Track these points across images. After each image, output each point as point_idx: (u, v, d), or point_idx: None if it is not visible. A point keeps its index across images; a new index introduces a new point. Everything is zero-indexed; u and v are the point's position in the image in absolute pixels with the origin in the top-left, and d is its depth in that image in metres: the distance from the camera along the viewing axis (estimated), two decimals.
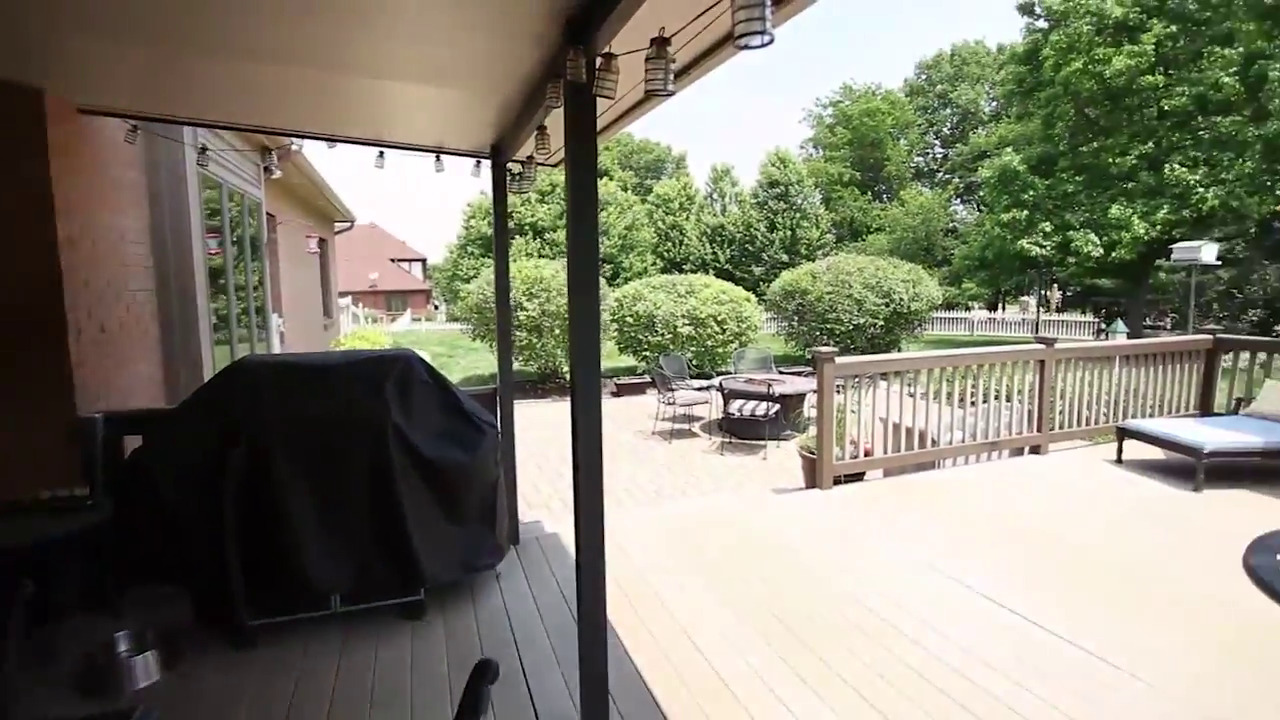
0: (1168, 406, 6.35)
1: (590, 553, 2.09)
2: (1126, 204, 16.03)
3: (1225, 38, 15.84)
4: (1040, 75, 18.18)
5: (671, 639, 2.91)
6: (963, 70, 43.36)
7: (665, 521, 4.38)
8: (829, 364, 4.72)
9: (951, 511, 4.39)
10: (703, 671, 2.66)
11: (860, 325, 12.09)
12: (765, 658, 2.73)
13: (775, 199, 30.11)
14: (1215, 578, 3.36)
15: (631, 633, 2.97)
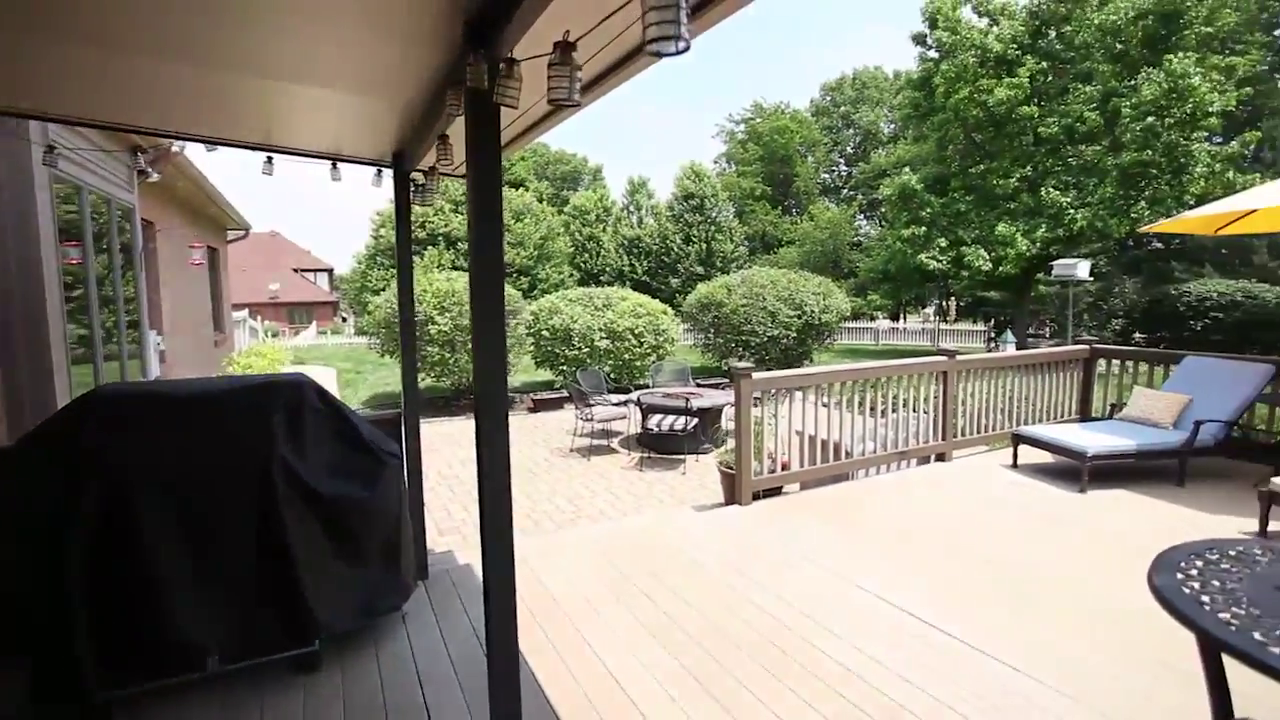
0: (1053, 412, 6.81)
1: (499, 585, 1.93)
2: (1011, 222, 17.31)
3: (1086, 76, 17.47)
4: (933, 101, 19.41)
5: (589, 671, 2.77)
6: (864, 94, 45.84)
7: (584, 544, 4.23)
8: (746, 380, 4.74)
9: (866, 523, 4.48)
10: (620, 704, 2.54)
11: (774, 337, 12.40)
12: (687, 689, 2.64)
13: (691, 211, 30.64)
14: (1105, 577, 3.57)
15: (547, 667, 2.80)
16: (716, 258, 30.02)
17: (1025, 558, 3.87)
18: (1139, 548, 3.96)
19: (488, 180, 1.70)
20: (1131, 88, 16.48)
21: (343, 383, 13.80)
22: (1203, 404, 5.50)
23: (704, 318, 13.03)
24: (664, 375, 9.77)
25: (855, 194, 42.22)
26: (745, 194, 40.21)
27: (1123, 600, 3.29)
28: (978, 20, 18.90)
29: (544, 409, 10.76)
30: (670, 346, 11.58)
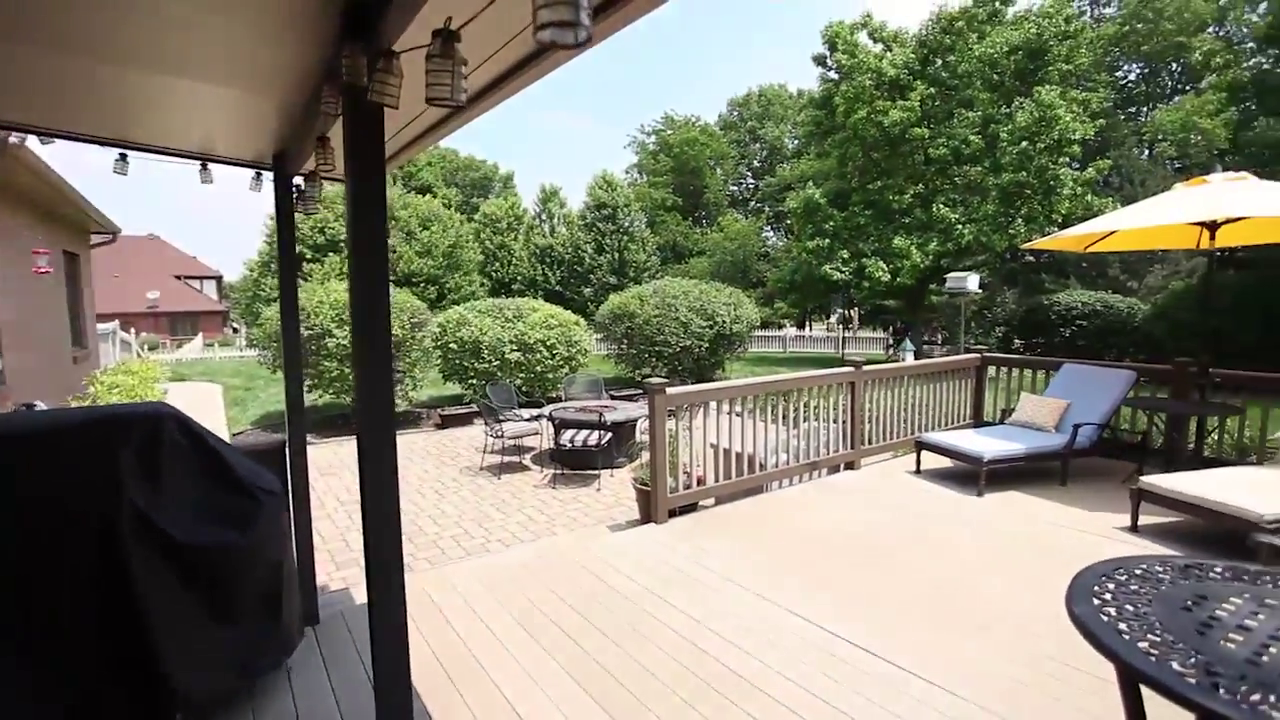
0: (950, 417, 7.17)
1: (388, 630, 1.73)
2: (906, 236, 18.36)
3: (969, 102, 18.84)
4: (834, 120, 20.34)
5: (497, 717, 2.56)
6: (769, 110, 47.57)
7: (493, 573, 3.99)
8: (661, 395, 4.65)
9: (783, 538, 4.49)
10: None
11: (687, 347, 12.49)
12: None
13: (603, 221, 30.64)
14: (1006, 579, 3.70)
15: (450, 715, 2.57)
16: (629, 267, 30.14)
17: (938, 567, 3.97)
18: (1038, 549, 4.17)
19: (367, 190, 1.50)
20: (1008, 115, 17.89)
21: (230, 401, 12.72)
22: (1079, 408, 5.92)
23: (617, 328, 12.96)
24: (577, 387, 9.58)
25: (762, 206, 43.65)
26: (657, 204, 40.69)
27: (1032, 606, 3.42)
28: (873, 45, 19.98)
29: (453, 425, 10.31)
30: (583, 358, 11.41)
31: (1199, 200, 5.14)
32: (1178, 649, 1.26)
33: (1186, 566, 1.64)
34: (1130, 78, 33.38)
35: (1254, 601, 1.47)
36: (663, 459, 4.72)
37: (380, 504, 1.71)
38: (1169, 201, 5.38)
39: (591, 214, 31.32)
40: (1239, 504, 3.95)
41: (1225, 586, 1.54)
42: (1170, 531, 4.47)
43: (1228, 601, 1.47)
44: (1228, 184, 5.22)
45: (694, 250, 38.53)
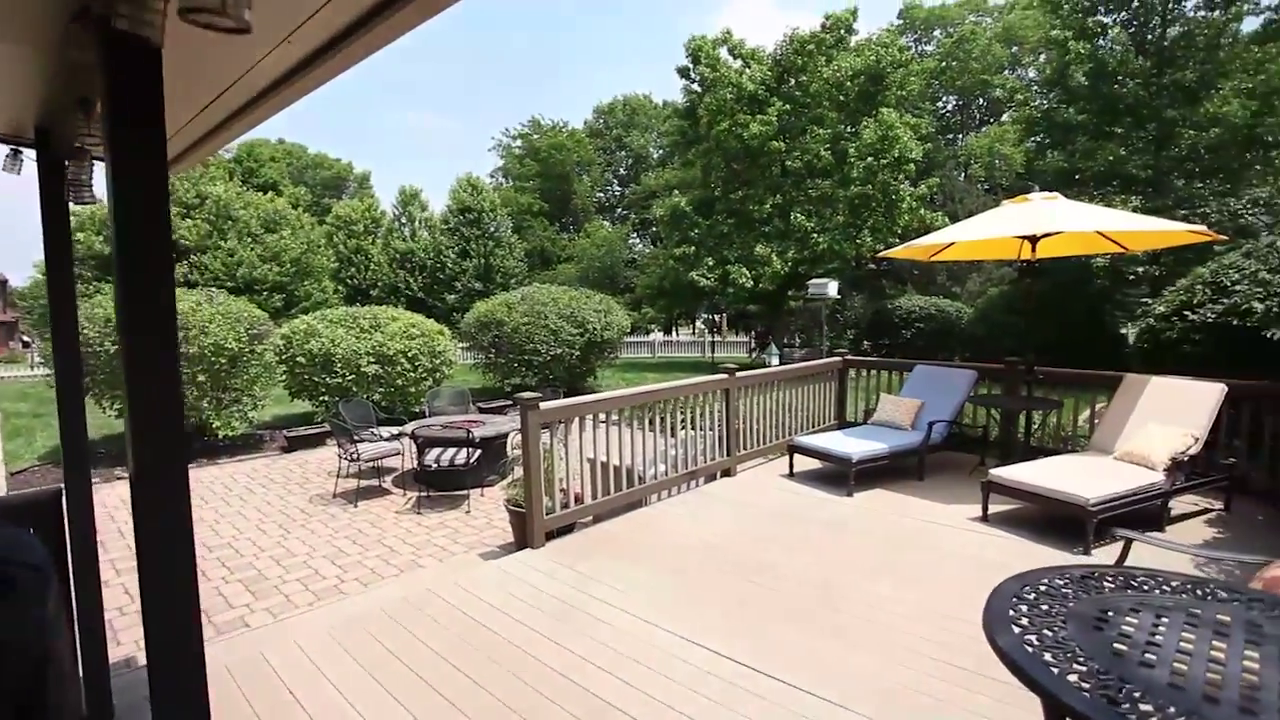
0: (816, 419, 7.43)
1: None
2: (767, 244, 19.22)
3: (820, 120, 20.13)
4: (698, 130, 20.91)
5: None
6: (634, 119, 48.36)
7: (346, 622, 3.48)
8: (534, 411, 4.34)
9: (664, 552, 4.33)
10: None
11: (558, 355, 12.17)
12: None
13: (468, 225, 29.53)
14: (884, 580, 3.76)
15: None
16: (496, 273, 29.25)
17: (820, 571, 3.98)
18: (909, 546, 4.28)
19: (136, 160, 1.11)
20: (854, 133, 19.30)
21: (9, 431, 10.65)
22: (932, 406, 6.33)
23: (484, 337, 12.37)
24: (442, 401, 8.97)
25: (629, 213, 44.20)
26: (524, 209, 39.94)
27: (912, 607, 3.48)
28: (733, 61, 20.79)
29: (301, 447, 9.28)
30: (448, 370, 10.74)
31: (1023, 216, 5.65)
32: (1106, 681, 1.18)
33: (1083, 578, 1.61)
34: (948, 108, 37.54)
35: (1149, 612, 1.45)
36: (538, 478, 4.40)
37: (165, 566, 1.29)
38: (999, 217, 5.88)
39: (455, 218, 30.08)
40: (1071, 490, 4.32)
41: (1121, 598, 1.52)
42: (1015, 518, 4.83)
43: (1128, 615, 1.43)
44: (1045, 202, 5.79)
45: (562, 256, 38.22)
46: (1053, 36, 19.45)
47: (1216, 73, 16.62)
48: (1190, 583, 1.60)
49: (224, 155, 36.12)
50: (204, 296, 9.09)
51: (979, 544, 4.44)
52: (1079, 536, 4.28)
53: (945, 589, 3.71)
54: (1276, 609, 1.48)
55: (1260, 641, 1.33)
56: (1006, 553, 4.29)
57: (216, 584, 4.59)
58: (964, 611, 3.40)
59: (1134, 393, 5.45)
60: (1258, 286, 5.67)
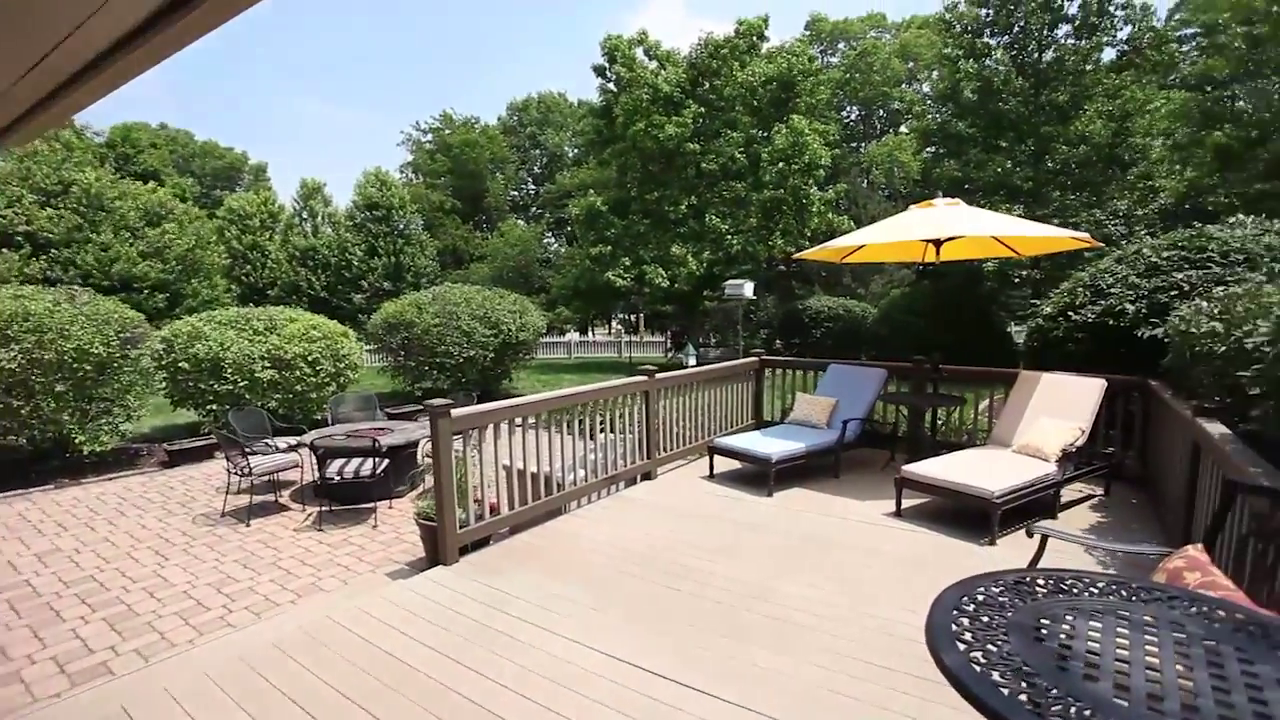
0: (735, 419, 7.47)
1: None
2: (682, 245, 19.41)
3: (733, 123, 20.56)
4: (614, 130, 20.85)
5: None
6: (549, 117, 47.80)
7: (229, 664, 3.11)
8: (444, 419, 4.07)
9: (585, 563, 4.18)
10: None
11: (471, 358, 11.75)
12: None
13: (376, 222, 28.16)
14: (807, 581, 3.76)
15: None
16: (407, 272, 28.08)
17: (744, 574, 3.93)
18: (829, 544, 4.30)
19: None
20: (766, 138, 19.81)
21: None
22: (846, 404, 6.49)
23: (392, 339, 11.77)
24: (347, 407, 8.43)
25: (543, 212, 43.64)
26: (435, 207, 38.60)
27: (838, 608, 3.48)
28: (649, 62, 20.86)
29: (185, 461, 8.47)
30: (354, 374, 10.12)
31: (928, 220, 5.88)
32: (1055, 699, 1.13)
33: (1016, 584, 1.58)
34: (852, 117, 39.35)
35: (1083, 618, 1.44)
36: (450, 490, 4.14)
37: None
38: (906, 220, 6.10)
39: (362, 214, 28.62)
40: (977, 484, 4.51)
41: (1055, 603, 1.50)
42: (926, 511, 5.01)
43: (1064, 622, 1.41)
44: (948, 207, 6.05)
45: (475, 255, 37.23)
46: (945, 55, 20.73)
47: (1083, 95, 18.19)
48: (1114, 583, 1.61)
49: (94, 139, 32.88)
50: (63, 296, 8.12)
51: (895, 539, 4.55)
52: (985, 527, 4.47)
53: (868, 588, 3.75)
54: (1193, 605, 1.51)
55: (1188, 643, 1.33)
56: (921, 546, 4.42)
57: (73, 625, 4.03)
58: (888, 610, 3.46)
59: (1027, 389, 5.78)
60: (1129, 289, 6.17)
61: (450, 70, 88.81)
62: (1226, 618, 1.44)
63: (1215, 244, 5.97)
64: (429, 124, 45.87)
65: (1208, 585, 1.85)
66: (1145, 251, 6.48)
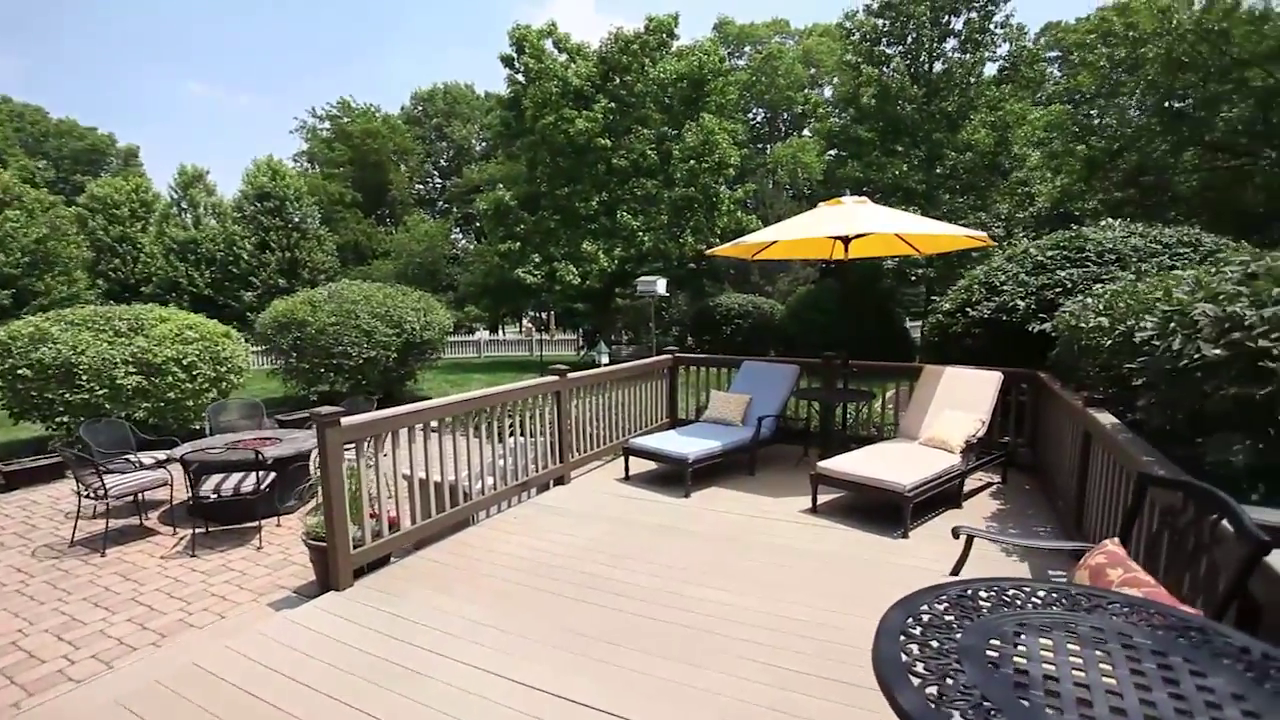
0: (649, 418, 7.33)
1: None
2: (594, 241, 19.16)
3: (645, 120, 20.50)
4: (523, 123, 20.29)
5: None
6: (455, 108, 46.20)
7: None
8: (334, 429, 3.67)
9: (495, 578, 3.88)
10: None
11: (372, 359, 11.03)
12: None
13: (268, 214, 26.17)
14: (726, 585, 3.63)
15: None
16: (303, 269, 26.29)
17: (663, 582, 3.77)
18: (748, 546, 4.19)
19: None
20: (677, 136, 19.88)
21: None
22: (760, 401, 6.49)
23: (283, 340, 10.86)
24: (229, 415, 7.66)
25: (450, 207, 42.18)
26: (334, 199, 36.42)
27: (758, 613, 3.37)
28: (559, 55, 20.44)
29: (27, 483, 7.40)
30: (238, 378, 9.24)
31: (837, 217, 5.94)
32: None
33: (959, 598, 1.47)
34: (758, 119, 40.37)
35: (1032, 634, 1.35)
36: (342, 506, 3.74)
37: None
38: (815, 217, 6.14)
39: (252, 205, 26.51)
40: (890, 478, 4.56)
41: (1001, 619, 1.40)
42: (841, 506, 5.04)
43: (1015, 642, 1.30)
44: (856, 205, 6.15)
45: (379, 251, 35.46)
46: (846, 61, 21.55)
47: (969, 106, 19.42)
48: (1054, 591, 1.54)
49: None
50: None
51: (812, 536, 4.54)
52: (898, 520, 4.53)
53: (791, 591, 3.68)
54: (1134, 612, 1.45)
55: (1140, 658, 1.25)
56: (837, 542, 4.42)
57: None
58: (812, 614, 3.39)
59: (931, 382, 5.96)
60: (1019, 287, 6.50)
61: (348, 56, 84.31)
62: (1165, 622, 1.39)
63: (1091, 244, 6.38)
64: (326, 110, 43.27)
65: (1130, 581, 1.83)
66: (1032, 251, 6.86)
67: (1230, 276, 3.01)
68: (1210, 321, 2.64)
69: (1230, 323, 2.53)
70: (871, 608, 3.44)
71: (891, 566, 4.01)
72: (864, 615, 3.37)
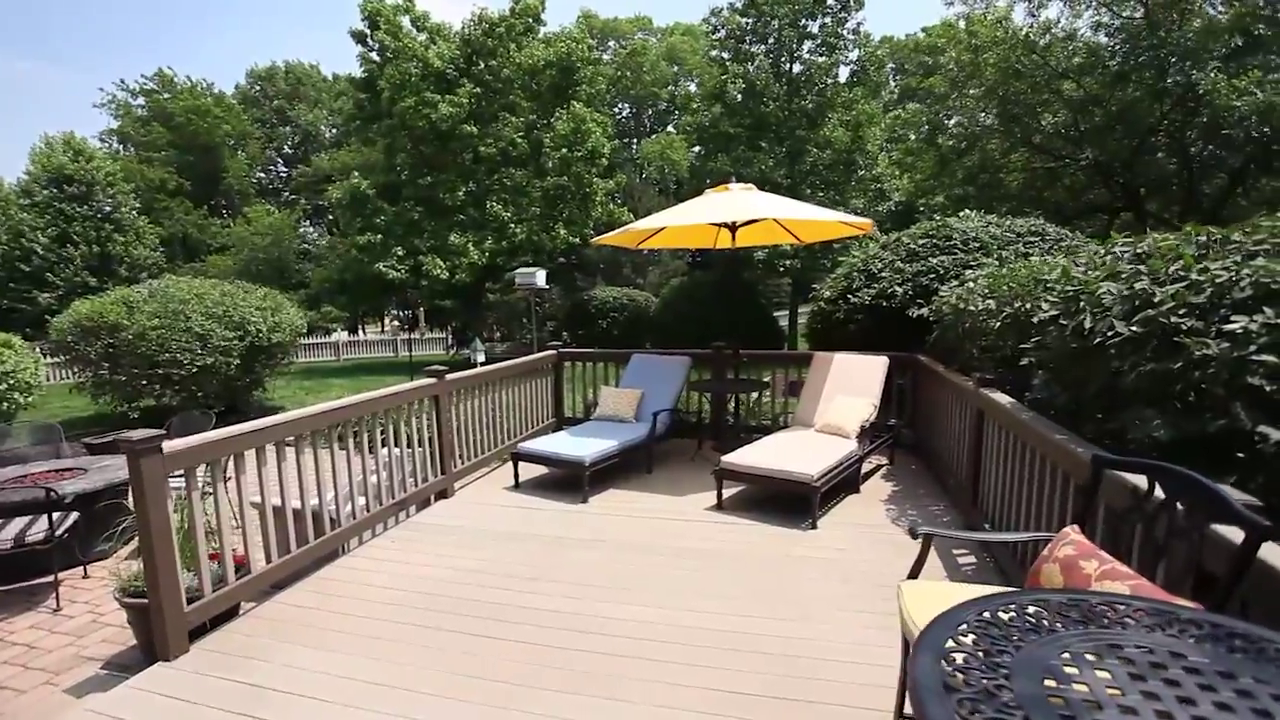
0: (535, 417, 6.86)
1: None
2: (462, 234, 18.13)
3: (512, 107, 19.70)
4: (379, 105, 18.77)
5: None
6: (300, 90, 42.26)
7: None
8: (152, 459, 2.90)
9: (370, 620, 3.29)
10: None
11: (209, 366, 9.58)
12: None
13: (70, 201, 22.40)
14: (638, 600, 3.31)
15: None
16: (120, 265, 22.82)
17: (566, 602, 3.37)
18: (657, 552, 3.88)
19: None
20: (548, 124, 19.28)
21: None
22: (652, 396, 6.23)
23: (89, 347, 9.14)
24: (14, 445, 6.25)
25: (298, 198, 38.58)
26: (154, 186, 32.01)
27: (678, 628, 3.06)
28: (418, 34, 19.09)
29: None
30: (25, 397, 7.62)
31: (727, 203, 5.81)
32: None
33: (985, 624, 1.22)
34: (623, 114, 40.50)
35: (1085, 667, 1.11)
36: (168, 553, 2.99)
37: None
38: (705, 204, 5.96)
39: (46, 190, 22.55)
40: (797, 469, 4.45)
41: (1040, 646, 1.16)
42: (745, 500, 4.89)
43: (1071, 681, 1.07)
44: (742, 192, 6.04)
45: (214, 246, 31.67)
46: (712, 57, 21.96)
47: (827, 105, 20.49)
48: (1071, 599, 1.33)
49: None
50: None
51: (722, 535, 4.33)
52: (805, 510, 4.44)
53: (711, 599, 3.42)
54: (1169, 624, 1.26)
55: (1214, 686, 1.05)
56: (747, 538, 4.25)
57: None
58: (740, 623, 3.14)
59: (822, 369, 6.00)
60: (896, 274, 6.74)
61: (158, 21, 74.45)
62: (1204, 632, 1.22)
63: (957, 233, 6.73)
64: (140, 85, 37.85)
65: (1110, 574, 1.71)
66: (904, 239, 7.15)
67: (1122, 256, 3.11)
68: (1117, 299, 2.67)
69: (1139, 300, 2.56)
70: (798, 609, 3.31)
71: (807, 561, 3.88)
72: (792, 618, 3.18)
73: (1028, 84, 13.57)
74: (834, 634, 3.03)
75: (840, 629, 3.08)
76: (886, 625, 2.96)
